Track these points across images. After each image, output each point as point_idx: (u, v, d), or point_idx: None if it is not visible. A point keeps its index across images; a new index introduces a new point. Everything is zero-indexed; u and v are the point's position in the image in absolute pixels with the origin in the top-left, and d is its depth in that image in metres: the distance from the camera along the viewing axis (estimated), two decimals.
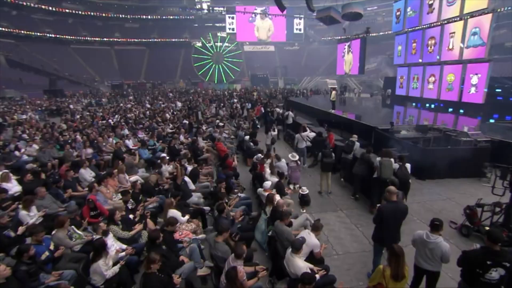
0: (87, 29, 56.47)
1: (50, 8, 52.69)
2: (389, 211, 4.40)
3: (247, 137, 10.50)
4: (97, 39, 56.62)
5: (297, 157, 8.33)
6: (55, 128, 13.24)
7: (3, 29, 46.35)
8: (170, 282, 3.79)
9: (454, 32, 17.10)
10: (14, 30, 47.81)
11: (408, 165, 6.92)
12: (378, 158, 6.92)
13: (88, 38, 56.20)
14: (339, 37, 43.20)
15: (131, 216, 5.34)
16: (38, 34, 50.84)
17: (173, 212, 5.20)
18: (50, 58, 47.83)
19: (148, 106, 22.50)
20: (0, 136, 12.21)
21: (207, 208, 6.20)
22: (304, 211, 6.99)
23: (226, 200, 5.86)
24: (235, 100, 23.77)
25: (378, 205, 5.44)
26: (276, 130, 11.61)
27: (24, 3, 49.76)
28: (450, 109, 17.44)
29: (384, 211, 4.41)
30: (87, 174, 7.45)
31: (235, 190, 6.81)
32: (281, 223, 4.94)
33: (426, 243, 3.68)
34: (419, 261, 3.82)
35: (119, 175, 6.96)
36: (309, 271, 3.80)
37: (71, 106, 23.70)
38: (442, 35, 17.98)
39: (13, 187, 6.76)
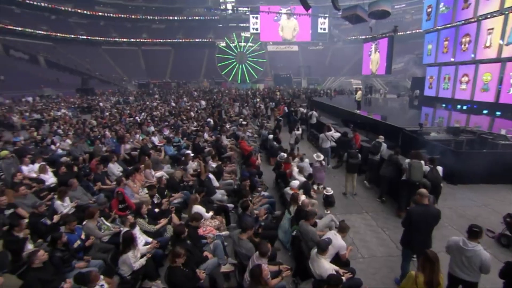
0: (117, 30, 58.92)
1: (85, 11, 56.01)
2: (419, 214, 4.19)
3: (270, 136, 10.45)
4: (125, 40, 58.98)
5: (322, 157, 8.17)
6: (86, 125, 13.91)
7: (43, 32, 50.01)
8: (194, 276, 3.82)
9: (492, 29, 16.05)
10: (52, 33, 51.34)
11: (439, 168, 6.59)
12: (408, 160, 6.64)
13: (117, 39, 58.64)
14: (365, 36, 42.09)
15: (156, 210, 5.46)
16: (72, 36, 54.06)
17: (198, 208, 5.25)
18: (83, 58, 50.56)
19: (173, 104, 23.05)
20: (39, 131, 12.99)
21: (230, 205, 6.22)
22: (329, 212, 6.84)
23: (250, 198, 5.84)
24: (258, 100, 23.80)
25: (407, 208, 5.21)
26: (300, 129, 11.47)
27: (62, 8, 53.46)
28: (485, 111, 16.38)
29: (414, 215, 4.20)
30: (115, 168, 7.73)
31: (259, 189, 6.79)
32: (306, 223, 4.85)
33: (463, 251, 3.45)
34: (454, 269, 3.59)
35: (146, 170, 7.15)
36: (335, 273, 3.70)
37: (101, 104, 24.78)
38: (479, 32, 16.94)
39: (49, 178, 7.16)
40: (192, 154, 8.34)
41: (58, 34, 52.08)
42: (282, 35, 60.35)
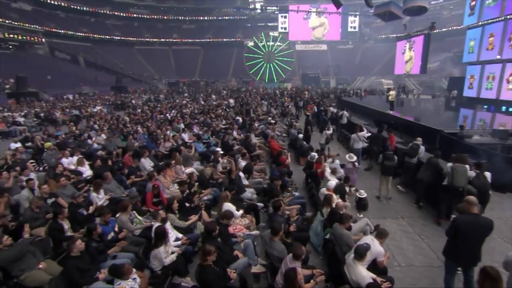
0: (149, 31, 61.16)
1: (121, 13, 59.12)
2: (466, 224, 3.80)
3: (300, 136, 10.22)
4: (157, 40, 61.05)
5: (354, 158, 7.87)
6: (119, 121, 14.47)
7: (83, 34, 53.45)
8: (225, 275, 3.75)
9: None
10: (91, 35, 54.72)
11: (487, 174, 6.05)
12: (450, 164, 6.16)
13: (150, 39, 60.88)
14: (398, 35, 40.29)
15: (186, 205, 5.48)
16: (109, 37, 57.12)
17: (228, 206, 5.19)
18: (117, 58, 53.22)
19: (202, 102, 23.43)
20: (77, 126, 13.72)
21: (260, 204, 6.12)
22: (361, 215, 6.54)
23: (281, 198, 5.70)
24: (286, 99, 23.58)
25: (452, 216, 4.81)
26: (331, 129, 11.12)
27: (101, 11, 56.92)
28: None
29: (461, 224, 3.82)
30: (147, 163, 7.91)
31: (289, 189, 6.62)
32: (341, 227, 4.62)
33: None
34: None
35: (176, 166, 7.25)
36: (373, 282, 3.46)
37: (133, 101, 25.79)
38: None
39: (86, 171, 7.49)
40: (221, 152, 8.35)
41: (96, 36, 55.31)
42: (313, 34, 59.36)
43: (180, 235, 4.71)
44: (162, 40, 61.12)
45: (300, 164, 9.74)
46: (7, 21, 41.15)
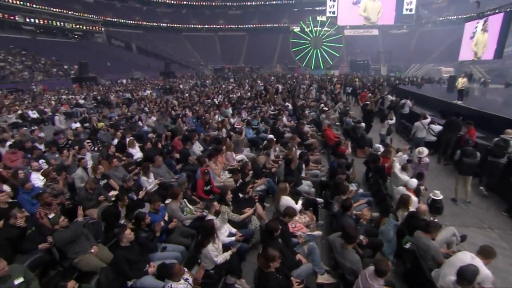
0: (196, 17, 62.03)
1: (171, 1, 60.74)
2: None
3: (363, 124, 9.16)
4: (204, 26, 61.69)
5: (426, 153, 6.71)
6: (168, 104, 14.55)
7: (136, 22, 56.21)
8: (289, 285, 3.14)
9: None
10: (143, 22, 57.22)
11: None
12: None
13: (197, 26, 61.78)
14: (468, 15, 35.46)
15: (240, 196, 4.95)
16: (157, 24, 59.12)
17: (287, 200, 4.56)
18: (166, 44, 55.08)
19: (248, 88, 22.96)
20: (129, 108, 14.10)
21: (320, 199, 5.38)
22: (436, 220, 5.48)
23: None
24: (337, 85, 22.09)
25: None
26: (394, 118, 9.84)
27: None
28: None
29: None
30: (196, 147, 7.59)
31: (353, 184, 5.77)
32: (426, 237, 3.74)
33: None
34: None
35: (227, 152, 6.78)
36: None
37: (181, 86, 26.27)
38: None
39: (137, 153, 7.37)
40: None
41: (147, 23, 57.65)
42: (366, 17, 55.10)
43: (233, 230, 4.20)
44: (208, 26, 61.60)
45: (358, 156, 8.76)
46: (74, 13, 44.87)
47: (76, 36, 46.83)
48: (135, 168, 6.18)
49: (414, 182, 5.15)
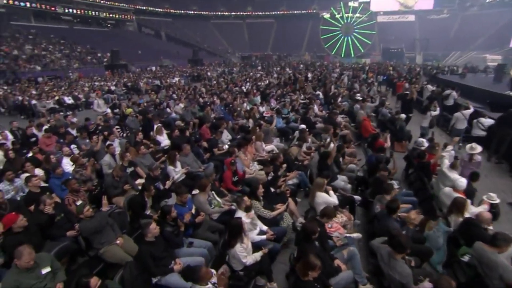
0: (224, 5, 61.31)
1: None
2: None
3: (403, 116, 8.39)
4: (231, 13, 60.99)
5: (479, 150, 5.93)
6: (196, 91, 14.41)
7: (165, 10, 56.73)
8: None
9: None
10: (171, 10, 57.66)
11: None
12: None
13: (224, 13, 61.21)
14: None
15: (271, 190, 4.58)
16: (183, 12, 59.23)
17: (323, 197, 4.14)
18: (194, 32, 55.22)
19: (276, 76, 22.35)
20: (157, 95, 14.14)
21: (357, 197, 4.89)
22: (491, 228, 4.79)
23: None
24: (370, 73, 20.85)
25: None
26: (437, 110, 8.92)
27: None
28: None
29: None
30: (225, 136, 7.31)
31: (394, 182, 5.19)
32: (493, 251, 3.16)
33: None
34: None
35: (257, 142, 6.42)
36: None
37: (209, 73, 26.16)
38: None
39: (164, 140, 7.22)
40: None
41: (176, 11, 57.96)
42: (402, 2, 51.55)
43: (264, 227, 3.86)
44: (236, 13, 60.81)
45: (395, 150, 8.04)
46: (107, 3, 46.16)
47: (109, 25, 48.32)
48: (162, 155, 6.02)
49: (463, 182, 4.49)
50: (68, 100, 14.59)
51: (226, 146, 6.85)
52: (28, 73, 25.61)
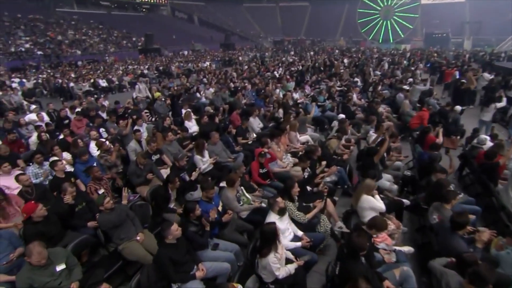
0: None
1: None
2: None
3: (458, 108, 7.33)
4: None
5: None
6: (228, 76, 13.96)
7: None
8: None
9: None
10: None
11: None
12: None
13: None
14: None
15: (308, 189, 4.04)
16: None
17: (369, 201, 3.53)
18: (227, 16, 54.30)
19: (310, 62, 21.24)
20: (188, 79, 13.90)
21: (406, 201, 4.20)
22: None
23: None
24: (413, 59, 19.09)
25: None
26: (503, 100, 7.71)
27: None
28: None
29: None
30: (256, 123, 6.82)
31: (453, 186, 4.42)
32: None
33: None
34: None
35: (291, 132, 5.84)
36: None
37: (240, 58, 25.60)
38: None
39: (192, 126, 6.89)
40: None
41: None
42: None
43: (300, 233, 3.36)
44: None
45: (444, 145, 7.07)
46: None
47: (144, 10, 48.97)
48: (190, 143, 5.66)
49: None
50: (103, 83, 14.85)
51: (254, 135, 6.37)
52: (69, 57, 26.84)
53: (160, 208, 3.75)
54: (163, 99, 8.22)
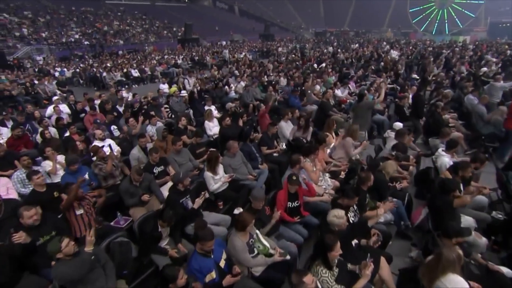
0: None
1: None
2: None
3: None
4: None
5: None
6: (262, 67, 12.73)
7: None
8: None
9: None
10: None
11: None
12: None
13: None
14: None
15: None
16: None
17: (459, 283, 2.18)
18: (268, 6, 52.72)
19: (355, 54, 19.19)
20: (219, 70, 12.93)
21: (509, 271, 2.75)
22: None
23: None
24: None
25: None
26: None
27: None
28: None
29: None
30: (287, 128, 5.56)
31: None
32: None
33: None
34: None
35: (347, 139, 4.37)
36: None
37: (279, 49, 24.17)
38: None
39: (213, 127, 5.88)
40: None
41: None
42: None
43: None
44: None
45: None
46: None
47: (186, 0, 49.23)
48: (206, 151, 4.55)
49: None
50: (135, 73, 14.51)
51: (284, 145, 5.15)
52: (112, 46, 27.53)
53: (147, 247, 2.78)
54: (178, 95, 7.21)
